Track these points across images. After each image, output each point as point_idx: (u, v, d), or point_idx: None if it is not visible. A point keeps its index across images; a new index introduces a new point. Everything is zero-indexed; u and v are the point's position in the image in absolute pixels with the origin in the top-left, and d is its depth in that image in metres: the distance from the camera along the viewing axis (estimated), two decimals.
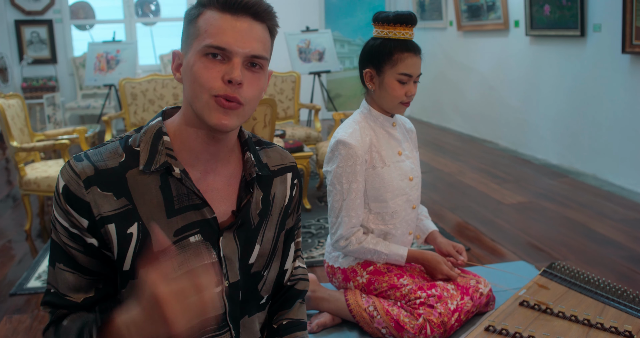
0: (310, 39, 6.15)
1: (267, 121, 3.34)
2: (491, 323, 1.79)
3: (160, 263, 0.91)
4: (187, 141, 1.11)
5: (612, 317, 1.88)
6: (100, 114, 6.38)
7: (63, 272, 1.09)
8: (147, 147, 1.10)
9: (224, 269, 1.15)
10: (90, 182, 1.05)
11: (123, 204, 1.07)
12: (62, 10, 7.49)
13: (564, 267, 2.23)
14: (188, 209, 1.10)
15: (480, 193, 4.45)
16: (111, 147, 1.11)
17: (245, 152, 1.19)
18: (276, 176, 1.25)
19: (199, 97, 1.05)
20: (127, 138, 1.13)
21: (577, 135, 5.06)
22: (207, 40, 1.04)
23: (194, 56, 1.06)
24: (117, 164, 1.08)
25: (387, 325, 2.07)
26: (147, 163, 1.08)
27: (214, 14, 1.06)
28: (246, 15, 1.06)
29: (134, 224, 1.07)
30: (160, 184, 1.09)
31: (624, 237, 3.45)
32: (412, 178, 2.20)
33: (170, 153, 1.10)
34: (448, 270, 2.17)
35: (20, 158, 3.77)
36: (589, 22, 4.78)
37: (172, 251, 1.06)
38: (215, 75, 1.04)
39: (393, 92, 2.06)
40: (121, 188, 1.07)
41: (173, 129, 1.13)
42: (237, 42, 1.04)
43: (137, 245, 1.08)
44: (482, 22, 6.38)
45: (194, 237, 1.11)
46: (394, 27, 2.05)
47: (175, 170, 1.09)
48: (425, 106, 7.96)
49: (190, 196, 1.10)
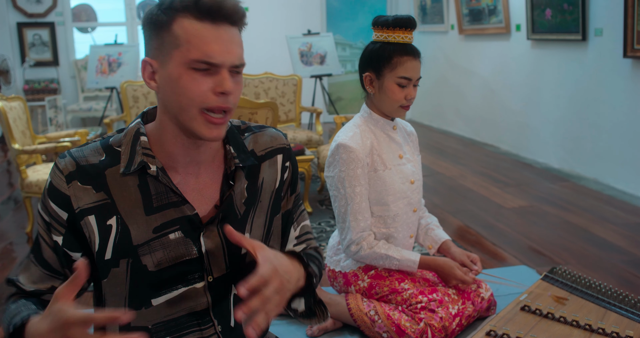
0: (311, 43, 6.16)
1: (269, 124, 3.35)
2: (492, 328, 1.79)
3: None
4: (165, 146, 1.13)
5: (614, 322, 1.88)
6: (101, 116, 6.38)
7: (30, 263, 1.16)
8: (127, 149, 1.13)
9: (206, 264, 1.16)
10: (72, 176, 1.10)
11: (102, 198, 1.10)
12: (64, 13, 7.50)
13: (565, 272, 2.23)
14: (167, 207, 1.12)
15: (482, 197, 4.45)
16: (92, 146, 1.14)
17: (226, 145, 1.20)
18: (264, 160, 1.23)
19: (186, 110, 1.05)
20: (109, 138, 1.16)
21: (578, 139, 5.06)
22: (194, 54, 1.02)
23: (177, 67, 1.04)
24: (97, 162, 1.12)
25: (388, 330, 2.07)
26: (127, 165, 1.11)
27: (193, 23, 1.03)
28: (224, 22, 1.05)
29: (113, 217, 1.11)
30: (139, 183, 1.11)
31: (626, 242, 3.45)
32: (413, 181, 2.20)
33: (148, 152, 1.11)
34: (462, 274, 2.14)
35: (22, 160, 3.78)
36: (590, 27, 4.78)
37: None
38: (205, 88, 1.04)
39: (393, 96, 2.06)
40: (100, 183, 1.11)
41: (152, 131, 1.15)
42: (223, 53, 1.03)
43: (116, 237, 1.11)
44: (483, 26, 6.39)
45: (173, 234, 1.13)
46: (393, 31, 2.05)
47: (152, 168, 1.11)
48: (427, 110, 7.97)
49: (169, 194, 1.12)
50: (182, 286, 1.15)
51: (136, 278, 1.13)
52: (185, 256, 1.14)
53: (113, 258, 1.12)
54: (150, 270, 1.13)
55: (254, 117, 3.31)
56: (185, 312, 1.17)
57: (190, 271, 1.15)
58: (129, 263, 1.12)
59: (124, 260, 1.12)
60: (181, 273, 1.15)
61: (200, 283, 1.16)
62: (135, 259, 1.12)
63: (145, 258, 1.12)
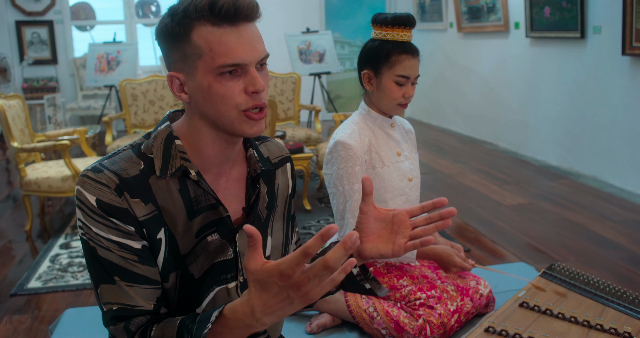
0: (310, 41, 6.16)
1: (268, 122, 3.35)
2: (491, 324, 1.79)
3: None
4: (201, 148, 1.11)
5: (612, 318, 1.88)
6: (100, 115, 6.38)
7: (122, 286, 1.06)
8: (159, 152, 1.09)
9: (239, 265, 1.16)
10: (121, 189, 1.04)
11: (151, 210, 1.07)
12: (63, 11, 7.50)
13: (563, 268, 2.23)
14: (205, 209, 1.12)
15: (480, 195, 4.46)
16: (125, 155, 1.09)
17: (248, 149, 1.20)
18: (277, 167, 1.27)
19: (226, 115, 1.05)
20: (139, 145, 1.11)
21: (577, 136, 5.07)
22: (219, 61, 1.01)
23: (205, 77, 1.03)
24: (138, 172, 1.07)
25: (387, 326, 2.07)
26: (162, 169, 1.08)
27: (212, 30, 1.01)
28: (242, 20, 1.03)
29: (161, 229, 1.08)
30: (180, 187, 1.10)
31: (624, 239, 3.45)
32: (411, 179, 2.20)
33: (184, 156, 1.10)
34: (461, 261, 2.15)
35: (21, 158, 3.78)
36: (589, 24, 4.78)
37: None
38: (237, 91, 1.04)
39: (391, 94, 2.07)
40: (147, 194, 1.07)
41: (183, 133, 1.12)
42: (247, 53, 1.03)
43: (166, 251, 1.09)
44: (482, 23, 6.39)
45: (211, 236, 1.13)
46: (392, 29, 2.05)
47: (192, 173, 1.09)
48: (426, 108, 7.97)
49: (207, 196, 1.11)
50: (216, 286, 1.15)
51: (185, 289, 1.12)
52: (221, 257, 1.14)
53: (163, 272, 1.10)
54: (196, 278, 1.12)
55: None
56: None
57: (225, 271, 1.15)
58: (178, 275, 1.11)
59: (173, 274, 1.10)
60: (217, 274, 1.14)
61: (232, 283, 1.16)
62: (183, 270, 1.11)
63: (192, 267, 1.11)
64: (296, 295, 0.90)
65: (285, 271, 0.88)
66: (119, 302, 1.06)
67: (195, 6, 1.00)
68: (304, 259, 0.86)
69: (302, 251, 0.86)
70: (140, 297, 1.06)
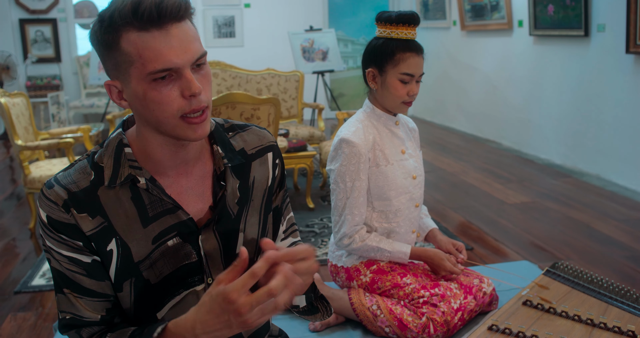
0: (313, 39, 6.15)
1: (271, 120, 3.35)
2: (494, 323, 1.80)
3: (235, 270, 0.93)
4: (152, 153, 1.09)
5: (615, 317, 1.88)
6: (104, 112, 6.39)
7: (72, 298, 1.09)
8: (110, 161, 1.08)
9: (205, 267, 1.14)
10: (68, 205, 1.05)
11: (99, 223, 1.07)
12: (67, 9, 7.51)
13: (567, 267, 2.23)
14: (163, 214, 1.10)
15: (484, 193, 4.45)
16: (79, 166, 1.09)
17: (213, 145, 1.17)
18: (254, 159, 1.21)
19: (165, 122, 1.02)
20: (94, 154, 1.10)
21: (580, 135, 5.06)
22: (150, 67, 0.97)
23: (139, 84, 0.99)
24: (88, 184, 1.07)
25: (390, 324, 2.08)
26: (112, 178, 1.07)
27: (139, 35, 0.96)
28: (170, 21, 0.97)
29: (112, 240, 1.08)
30: (132, 196, 1.08)
31: (628, 237, 3.45)
32: (415, 177, 2.21)
33: (134, 164, 1.08)
34: (451, 266, 2.17)
35: (25, 156, 3.79)
36: (592, 22, 4.77)
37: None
38: (173, 96, 0.99)
39: (395, 92, 2.07)
40: (94, 207, 1.06)
41: (134, 139, 1.10)
42: (179, 55, 0.97)
43: (118, 260, 1.09)
44: (485, 21, 6.38)
45: (172, 240, 1.11)
46: (396, 27, 2.05)
47: (141, 181, 1.07)
48: (429, 106, 7.96)
49: (162, 201, 1.09)
50: (183, 290, 1.14)
51: (140, 294, 1.12)
52: (185, 260, 1.12)
53: (116, 283, 1.10)
54: (153, 283, 1.11)
55: (256, 113, 3.31)
56: None
57: (190, 274, 1.14)
58: (132, 282, 1.11)
59: (127, 282, 1.10)
60: (182, 278, 1.13)
61: (200, 285, 1.15)
62: (137, 277, 1.10)
63: (148, 273, 1.10)
64: (236, 321, 0.92)
65: (229, 295, 0.90)
66: (70, 311, 1.10)
67: (120, 12, 0.96)
68: (251, 281, 0.89)
69: (250, 274, 0.89)
70: (88, 308, 1.10)
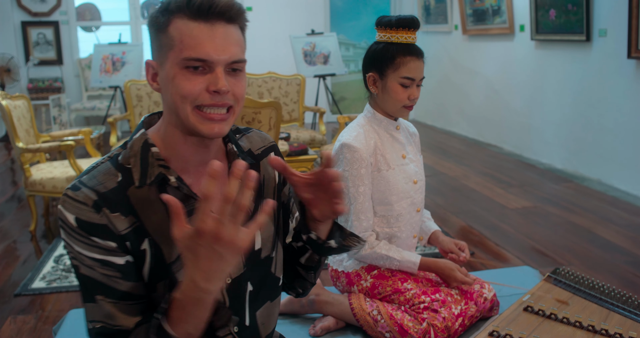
0: (315, 42, 6.16)
1: (272, 123, 3.35)
2: (495, 328, 1.79)
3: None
4: (177, 149, 1.11)
5: (617, 323, 1.87)
6: (105, 115, 6.40)
7: (106, 304, 1.05)
8: (137, 162, 1.09)
9: None
10: (99, 205, 1.03)
11: (132, 222, 1.06)
12: (69, 12, 7.52)
13: (568, 272, 2.23)
14: (189, 214, 1.10)
15: (485, 198, 4.45)
16: (104, 168, 1.08)
17: (227, 144, 1.19)
18: (261, 158, 1.26)
19: (181, 109, 1.05)
20: (117, 156, 1.11)
21: (582, 140, 5.05)
22: (186, 53, 1.02)
23: (172, 68, 1.04)
24: (116, 185, 1.06)
25: (390, 329, 2.07)
26: (142, 178, 1.08)
27: (187, 23, 1.02)
28: (221, 20, 1.03)
29: (145, 240, 1.07)
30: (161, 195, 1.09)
31: (629, 243, 3.44)
32: (416, 181, 2.20)
33: (162, 163, 1.09)
34: (462, 276, 2.15)
35: (26, 158, 3.79)
36: (594, 27, 4.77)
37: None
38: (198, 87, 1.03)
39: (396, 96, 2.07)
40: (126, 207, 1.06)
41: (159, 138, 1.12)
42: (217, 51, 1.02)
43: (151, 261, 1.08)
44: (487, 26, 6.38)
45: None
46: (396, 31, 2.05)
47: (171, 179, 1.08)
48: (430, 110, 7.96)
49: (190, 201, 1.10)
50: None
51: None
52: None
53: (150, 283, 1.09)
54: None
55: (258, 117, 3.31)
56: None
57: None
58: (165, 284, 1.09)
59: (161, 283, 1.09)
60: None
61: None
62: (171, 278, 1.09)
63: (180, 274, 1.09)
64: (222, 248, 0.89)
65: (198, 226, 0.88)
66: (102, 320, 1.06)
67: (177, 0, 1.03)
68: (209, 205, 0.87)
69: (203, 196, 0.86)
70: (124, 314, 1.06)
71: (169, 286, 1.09)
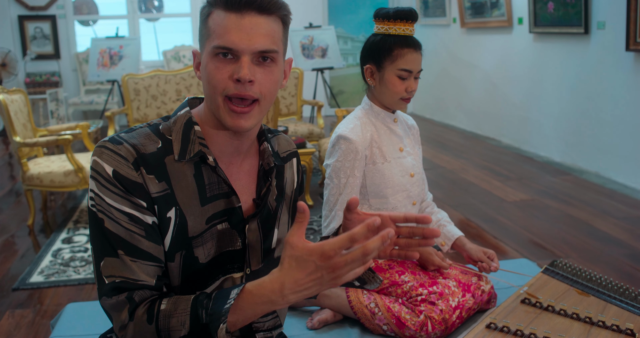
0: (313, 36, 6.14)
1: (270, 117, 3.34)
2: (492, 321, 1.79)
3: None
4: (212, 135, 1.14)
5: (614, 315, 1.88)
6: (103, 109, 6.38)
7: (126, 260, 1.05)
8: (179, 136, 1.12)
9: (247, 257, 1.17)
10: (138, 163, 1.06)
11: (164, 188, 1.08)
12: (66, 6, 7.49)
13: (565, 265, 2.23)
14: (218, 197, 1.13)
15: (483, 190, 4.45)
16: (144, 132, 1.11)
17: (262, 142, 1.22)
18: (285, 162, 1.30)
19: (212, 98, 1.08)
20: (157, 125, 1.13)
21: (580, 133, 5.05)
22: (215, 42, 1.06)
23: (206, 56, 1.08)
24: (155, 150, 1.09)
25: (388, 322, 2.07)
26: (181, 152, 1.10)
27: (220, 14, 1.07)
28: (250, 10, 1.06)
29: (172, 208, 1.09)
30: (195, 173, 1.12)
31: (627, 235, 3.45)
32: (413, 174, 2.20)
33: (203, 142, 1.12)
34: (439, 261, 2.18)
35: (23, 153, 3.78)
36: (593, 20, 4.76)
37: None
38: (225, 75, 1.06)
39: (393, 88, 2.06)
40: (161, 172, 1.08)
41: (200, 120, 1.15)
42: (242, 40, 1.05)
43: (174, 230, 1.10)
44: (485, 19, 6.36)
45: (221, 225, 1.14)
46: (394, 23, 2.04)
47: (210, 158, 1.12)
48: (428, 103, 7.95)
49: (220, 184, 1.13)
50: (221, 275, 1.16)
51: (188, 271, 1.12)
52: (229, 247, 1.15)
53: (170, 251, 1.10)
54: (201, 262, 1.13)
55: None
56: None
57: (232, 261, 1.16)
58: (182, 255, 1.11)
59: (178, 253, 1.11)
60: (223, 263, 1.16)
61: (238, 273, 1.17)
62: (188, 251, 1.11)
63: (198, 250, 1.12)
64: (329, 277, 0.92)
65: (327, 252, 0.90)
66: (122, 275, 1.05)
67: None
68: (349, 244, 0.90)
69: (349, 237, 0.89)
70: (143, 272, 1.06)
71: (184, 259, 1.11)
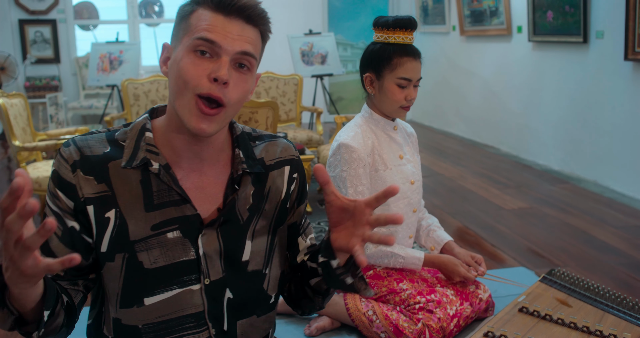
0: (313, 42, 6.16)
1: (269, 123, 3.35)
2: (490, 329, 1.79)
3: None
4: (170, 140, 1.12)
5: (611, 325, 1.88)
6: (102, 114, 6.38)
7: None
8: (131, 143, 1.12)
9: (203, 267, 1.14)
10: (76, 165, 1.09)
11: (102, 190, 1.10)
12: (66, 10, 7.51)
13: (563, 274, 2.23)
14: (167, 205, 1.11)
15: (481, 198, 4.45)
16: (98, 137, 1.14)
17: (235, 149, 1.18)
18: (272, 169, 1.22)
19: (182, 94, 1.05)
20: (115, 131, 1.15)
21: (578, 141, 5.06)
22: (197, 33, 1.05)
23: (182, 50, 1.07)
24: (101, 153, 1.11)
25: (386, 330, 2.07)
26: (130, 159, 1.11)
27: (206, 13, 1.06)
28: (239, 18, 1.06)
29: (112, 210, 1.10)
30: (141, 179, 1.11)
31: (625, 244, 3.45)
32: (413, 182, 2.20)
33: (152, 149, 1.11)
34: (465, 272, 2.15)
35: (23, 157, 3.78)
36: (591, 29, 4.78)
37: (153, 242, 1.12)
38: (201, 72, 1.04)
39: (393, 97, 2.07)
40: (102, 175, 1.10)
41: (159, 126, 1.15)
42: (227, 38, 1.05)
43: (113, 230, 1.10)
44: (485, 27, 6.39)
45: (172, 233, 1.12)
46: (393, 32, 2.05)
47: (154, 165, 1.10)
48: (427, 111, 7.97)
49: (170, 192, 1.11)
50: (177, 287, 1.13)
51: (131, 274, 1.12)
52: (183, 257, 1.12)
53: (109, 251, 1.11)
54: (146, 268, 1.11)
55: (255, 117, 3.31)
56: (178, 314, 1.14)
57: (187, 272, 1.13)
58: (125, 258, 1.11)
59: (120, 255, 1.11)
60: (177, 274, 1.13)
61: (196, 285, 1.14)
62: (131, 254, 1.11)
63: (142, 255, 1.11)
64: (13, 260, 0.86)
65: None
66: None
67: None
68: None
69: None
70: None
71: (127, 261, 1.11)
